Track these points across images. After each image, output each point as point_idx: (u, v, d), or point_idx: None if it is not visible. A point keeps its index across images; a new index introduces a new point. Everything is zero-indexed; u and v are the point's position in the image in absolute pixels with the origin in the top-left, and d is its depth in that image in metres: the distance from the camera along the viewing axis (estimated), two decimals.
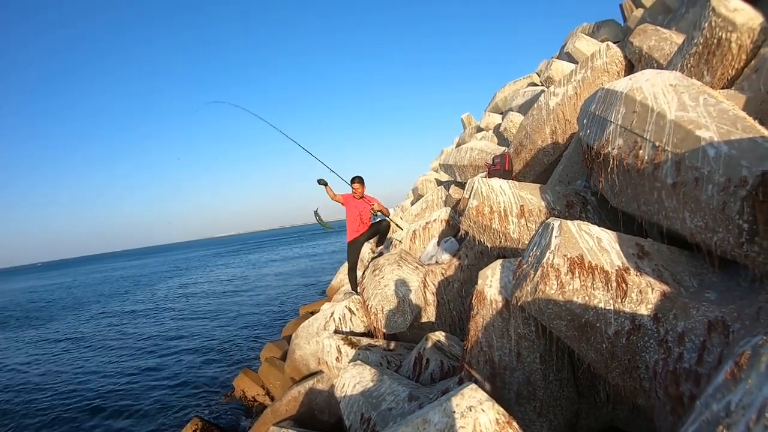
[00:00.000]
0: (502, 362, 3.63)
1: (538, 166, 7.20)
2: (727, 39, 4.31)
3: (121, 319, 21.17)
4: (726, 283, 3.03)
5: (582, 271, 2.95)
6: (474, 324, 3.81)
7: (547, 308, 3.03)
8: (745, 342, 1.51)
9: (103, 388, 11.29)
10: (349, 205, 7.84)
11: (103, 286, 44.43)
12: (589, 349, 3.03)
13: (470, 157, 10.19)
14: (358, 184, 7.81)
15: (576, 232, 3.16)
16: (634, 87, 3.73)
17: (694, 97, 3.36)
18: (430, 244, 7.79)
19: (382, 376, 4.33)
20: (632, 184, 3.61)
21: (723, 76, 4.49)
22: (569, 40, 13.83)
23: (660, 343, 2.76)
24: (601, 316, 2.89)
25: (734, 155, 2.76)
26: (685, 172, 3.03)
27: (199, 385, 10.51)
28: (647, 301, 2.87)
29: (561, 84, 7.32)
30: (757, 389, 1.31)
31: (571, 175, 6.03)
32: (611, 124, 3.81)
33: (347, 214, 7.89)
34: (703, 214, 2.93)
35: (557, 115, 6.94)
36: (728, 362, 1.50)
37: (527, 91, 13.49)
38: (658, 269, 3.08)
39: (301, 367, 6.90)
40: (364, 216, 7.87)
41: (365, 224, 7.92)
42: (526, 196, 5.10)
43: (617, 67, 7.08)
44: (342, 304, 6.98)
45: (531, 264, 3.25)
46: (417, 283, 6.45)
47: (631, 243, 3.24)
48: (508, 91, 17.46)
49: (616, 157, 3.71)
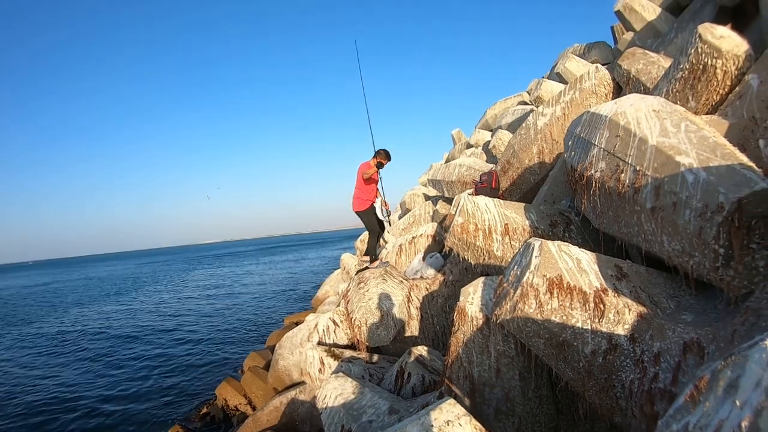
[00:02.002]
0: (482, 378, 3.68)
1: (524, 185, 7.27)
2: (713, 65, 4.38)
3: (100, 324, 20.98)
4: (703, 306, 3.10)
5: (560, 291, 3.02)
6: (455, 340, 3.86)
7: (525, 326, 3.08)
8: (706, 366, 1.57)
9: (82, 395, 11.19)
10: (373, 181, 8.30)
11: (89, 288, 44.05)
12: (566, 368, 3.08)
13: (458, 173, 10.26)
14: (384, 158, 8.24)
15: (556, 253, 3.22)
16: (619, 111, 3.80)
17: (676, 124, 3.43)
18: (416, 258, 7.85)
19: (363, 389, 4.36)
20: (613, 206, 3.68)
21: (708, 101, 4.55)
22: (560, 60, 13.96)
23: (636, 363, 2.81)
24: (579, 336, 2.95)
25: (712, 181, 2.83)
26: (664, 197, 3.10)
27: (181, 393, 10.46)
28: (624, 322, 2.93)
29: (549, 104, 7.40)
30: (714, 412, 1.37)
31: (556, 194, 6.11)
32: (595, 147, 3.89)
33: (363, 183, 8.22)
34: (680, 238, 3.00)
35: (545, 135, 7.02)
36: (689, 385, 1.56)
37: (517, 110, 13.59)
38: (635, 291, 3.15)
39: (284, 378, 6.91)
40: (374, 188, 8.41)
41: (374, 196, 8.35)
42: (510, 215, 5.17)
43: (605, 89, 7.15)
44: (326, 315, 7.00)
45: (511, 283, 3.31)
46: (401, 297, 6.49)
47: (610, 264, 3.31)
48: (498, 108, 17.57)
49: (598, 179, 3.79)
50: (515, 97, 17.30)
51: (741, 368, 1.37)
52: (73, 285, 51.02)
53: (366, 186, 8.09)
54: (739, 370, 1.37)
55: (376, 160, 8.07)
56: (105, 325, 20.58)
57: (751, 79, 4.11)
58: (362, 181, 8.09)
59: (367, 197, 8.10)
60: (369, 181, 8.11)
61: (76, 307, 28.87)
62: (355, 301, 6.67)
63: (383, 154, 8.11)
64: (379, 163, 8.11)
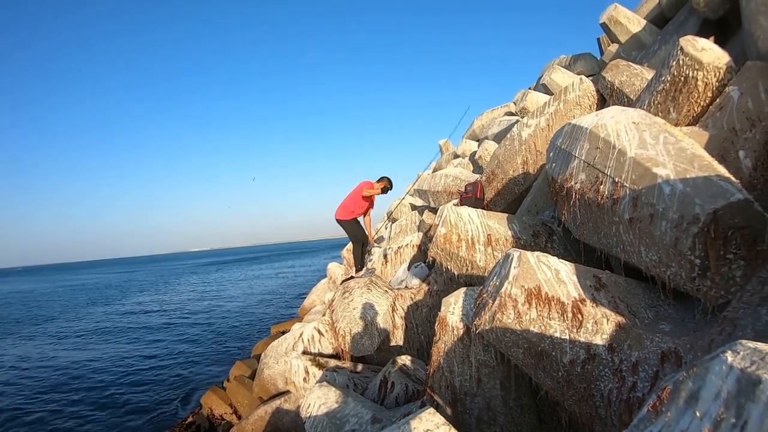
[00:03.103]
0: (463, 387, 3.70)
1: (509, 195, 7.31)
2: (694, 77, 4.42)
3: (85, 334, 20.80)
4: (681, 315, 3.14)
5: (539, 301, 3.04)
6: (436, 349, 3.89)
7: (504, 336, 3.11)
8: (669, 377, 1.60)
9: (67, 404, 11.12)
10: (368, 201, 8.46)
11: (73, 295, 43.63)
12: (545, 377, 3.10)
13: (444, 183, 10.31)
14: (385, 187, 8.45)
15: (534, 264, 3.25)
16: (599, 123, 3.85)
17: (655, 136, 3.48)
18: (401, 268, 7.87)
19: (347, 398, 4.37)
20: (593, 217, 3.72)
21: (689, 113, 4.60)
22: (546, 71, 14.04)
23: (614, 373, 2.84)
24: (557, 345, 2.97)
25: (688, 193, 2.88)
26: (642, 208, 3.15)
27: (167, 403, 10.42)
28: (602, 332, 2.96)
29: (534, 115, 7.46)
30: (675, 422, 1.40)
31: (539, 205, 6.15)
32: (575, 159, 3.93)
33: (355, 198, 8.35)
34: (657, 248, 3.04)
35: (529, 146, 7.07)
36: (652, 395, 1.59)
37: (503, 120, 13.66)
38: (614, 301, 3.18)
39: (269, 387, 6.89)
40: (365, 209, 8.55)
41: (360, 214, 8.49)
42: (493, 225, 5.20)
43: (589, 100, 7.22)
44: (311, 325, 7.00)
45: (490, 293, 3.33)
46: (386, 307, 6.51)
47: (589, 275, 3.34)
48: (485, 119, 17.65)
49: (578, 191, 3.83)
50: (502, 107, 17.40)
51: (702, 380, 1.40)
52: (55, 292, 50.56)
53: (360, 202, 8.17)
54: (700, 381, 1.40)
55: (382, 185, 8.26)
56: (89, 333, 20.43)
57: (732, 91, 4.16)
58: (359, 198, 8.20)
59: (355, 211, 8.17)
60: (366, 201, 8.24)
61: (56, 317, 28.57)
62: (339, 310, 6.68)
63: (388, 181, 8.37)
64: (385, 188, 8.33)
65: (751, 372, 1.25)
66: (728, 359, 1.35)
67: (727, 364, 1.33)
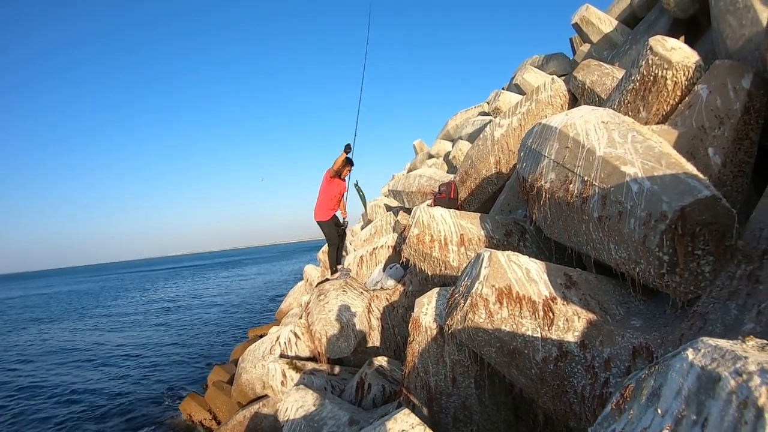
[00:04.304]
0: (438, 387, 3.72)
1: (482, 195, 7.34)
2: (663, 76, 4.47)
3: (59, 337, 20.59)
4: (652, 311, 3.19)
5: (510, 300, 3.07)
6: (411, 350, 3.90)
7: (476, 336, 3.12)
8: (632, 375, 1.62)
9: (39, 411, 10.99)
10: (333, 181, 8.07)
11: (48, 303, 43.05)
12: (519, 375, 3.13)
13: (418, 183, 10.34)
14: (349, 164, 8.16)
15: (505, 263, 3.27)
16: (568, 123, 3.90)
17: (623, 134, 3.53)
18: (376, 269, 7.87)
19: (324, 401, 4.37)
20: (563, 216, 3.76)
21: (658, 111, 4.65)
22: (518, 71, 14.15)
23: (587, 369, 2.87)
24: (529, 344, 2.99)
25: (656, 191, 2.92)
26: (610, 206, 3.19)
27: (145, 410, 10.32)
28: (574, 329, 2.99)
29: (506, 115, 7.50)
30: (638, 420, 1.42)
31: (512, 204, 6.19)
32: (545, 159, 3.97)
33: (327, 188, 8.08)
34: (626, 246, 3.08)
35: (501, 146, 7.11)
36: (616, 393, 1.61)
37: (477, 121, 13.73)
38: (585, 298, 3.22)
39: (248, 391, 6.86)
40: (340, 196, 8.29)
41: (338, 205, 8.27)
42: (466, 225, 5.23)
43: (561, 100, 7.28)
44: (288, 328, 6.98)
45: (462, 293, 3.35)
46: (361, 308, 6.50)
47: (560, 273, 3.37)
48: (459, 119, 17.72)
49: (548, 190, 3.87)
50: (476, 107, 17.46)
51: (663, 377, 1.42)
52: (28, 300, 49.86)
53: (330, 194, 7.98)
54: (662, 379, 1.42)
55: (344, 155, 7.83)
56: (63, 341, 20.19)
57: (701, 90, 4.22)
58: (326, 189, 7.97)
59: (330, 206, 8.04)
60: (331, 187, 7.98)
61: (30, 325, 28.17)
62: (315, 313, 6.67)
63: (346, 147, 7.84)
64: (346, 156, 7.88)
65: (711, 369, 1.27)
66: (689, 357, 1.37)
67: (687, 361, 1.36)
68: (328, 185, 8.03)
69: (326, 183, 8.03)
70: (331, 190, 8.04)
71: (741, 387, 1.17)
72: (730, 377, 1.21)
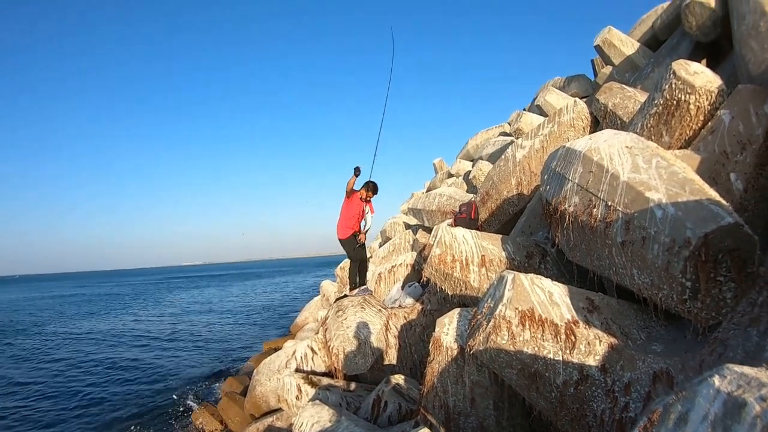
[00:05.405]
0: (457, 407, 3.72)
1: (503, 216, 7.35)
2: (686, 101, 4.46)
3: (75, 344, 20.58)
4: (672, 336, 3.18)
5: (532, 323, 3.08)
6: (430, 369, 3.91)
7: (498, 357, 3.14)
8: (659, 400, 1.64)
9: (48, 414, 11.01)
10: (353, 200, 8.27)
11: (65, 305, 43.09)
12: (539, 398, 3.13)
13: (438, 202, 10.34)
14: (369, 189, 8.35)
15: (528, 286, 3.29)
16: (592, 147, 3.91)
17: (648, 160, 3.54)
18: (395, 287, 7.88)
19: (340, 417, 4.37)
20: (586, 240, 3.76)
21: (681, 136, 4.64)
22: (540, 93, 14.10)
23: (607, 393, 2.87)
24: (550, 367, 3.00)
25: (680, 217, 2.93)
26: (634, 232, 3.20)
27: (156, 418, 10.30)
28: (595, 353, 3.00)
29: (529, 137, 7.52)
30: None
31: (533, 226, 6.20)
32: (569, 182, 3.98)
33: (347, 208, 8.30)
34: (649, 271, 3.09)
35: (523, 167, 7.12)
36: (643, 417, 1.63)
37: (498, 141, 13.72)
38: (606, 322, 3.23)
39: (261, 404, 6.87)
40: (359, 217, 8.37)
41: (357, 225, 8.35)
42: (487, 246, 5.24)
43: (583, 122, 7.28)
44: (304, 343, 6.99)
45: (485, 315, 3.37)
46: (379, 326, 6.51)
47: (582, 297, 3.38)
48: (480, 138, 17.69)
49: (571, 214, 3.87)
50: (497, 127, 17.42)
51: (690, 403, 1.44)
52: (46, 303, 50.05)
53: (348, 213, 8.15)
54: (689, 404, 1.45)
55: (364, 191, 8.24)
56: (79, 343, 20.22)
57: (723, 115, 4.21)
58: (346, 209, 8.20)
59: (348, 225, 8.16)
60: (350, 207, 8.18)
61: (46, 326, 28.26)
62: (333, 329, 6.68)
63: (371, 186, 8.31)
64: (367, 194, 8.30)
65: (737, 395, 1.30)
66: (715, 383, 1.39)
67: (714, 387, 1.38)
68: (347, 205, 8.25)
69: (345, 202, 8.27)
70: (349, 209, 8.26)
71: (766, 412, 1.19)
72: (756, 403, 1.23)
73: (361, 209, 8.30)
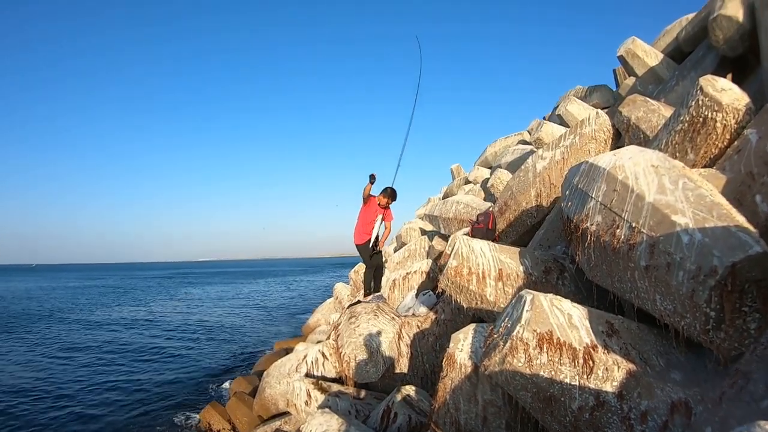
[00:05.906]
0: (468, 425, 3.67)
1: (521, 227, 7.28)
2: (713, 118, 4.37)
3: (82, 335, 20.70)
4: (692, 365, 3.11)
5: (550, 346, 3.02)
6: (443, 385, 3.86)
7: (513, 379, 3.08)
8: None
9: (54, 410, 11.02)
10: (370, 207, 8.29)
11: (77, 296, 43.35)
12: (553, 421, 3.08)
13: (455, 210, 10.26)
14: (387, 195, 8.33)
15: (548, 308, 3.22)
16: (617, 165, 3.82)
17: (674, 180, 3.45)
18: (409, 295, 7.83)
19: (348, 427, 4.34)
20: (607, 260, 3.68)
21: (706, 154, 4.56)
22: (561, 102, 13.98)
23: (623, 420, 2.82)
24: (566, 391, 2.95)
25: (707, 243, 2.86)
26: (659, 256, 3.12)
27: (164, 415, 10.30)
28: (613, 379, 2.93)
29: (549, 148, 7.43)
30: None
31: (551, 239, 6.12)
32: (592, 200, 3.90)
33: (364, 214, 8.35)
34: (673, 298, 3.01)
35: (543, 179, 7.04)
36: None
37: (517, 149, 13.61)
38: (625, 347, 3.15)
39: (270, 407, 6.85)
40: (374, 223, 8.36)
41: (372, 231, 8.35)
42: (505, 260, 5.17)
43: (605, 135, 7.18)
44: (316, 347, 6.98)
45: (501, 335, 3.31)
46: (392, 334, 6.47)
47: (602, 320, 3.31)
48: (498, 146, 17.58)
49: (593, 233, 3.79)
50: (516, 135, 17.31)
51: None
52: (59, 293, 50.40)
53: (364, 219, 8.18)
54: None
55: (382, 197, 8.24)
56: (86, 339, 20.28)
57: (750, 134, 4.11)
58: (363, 215, 8.27)
59: (364, 230, 8.18)
60: (368, 213, 8.20)
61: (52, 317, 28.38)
62: (345, 335, 6.65)
63: (389, 192, 8.31)
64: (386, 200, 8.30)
65: None
66: None
67: None
68: (364, 211, 8.31)
69: (362, 208, 8.33)
70: (366, 215, 8.30)
71: None
72: None
73: (375, 216, 8.29)
